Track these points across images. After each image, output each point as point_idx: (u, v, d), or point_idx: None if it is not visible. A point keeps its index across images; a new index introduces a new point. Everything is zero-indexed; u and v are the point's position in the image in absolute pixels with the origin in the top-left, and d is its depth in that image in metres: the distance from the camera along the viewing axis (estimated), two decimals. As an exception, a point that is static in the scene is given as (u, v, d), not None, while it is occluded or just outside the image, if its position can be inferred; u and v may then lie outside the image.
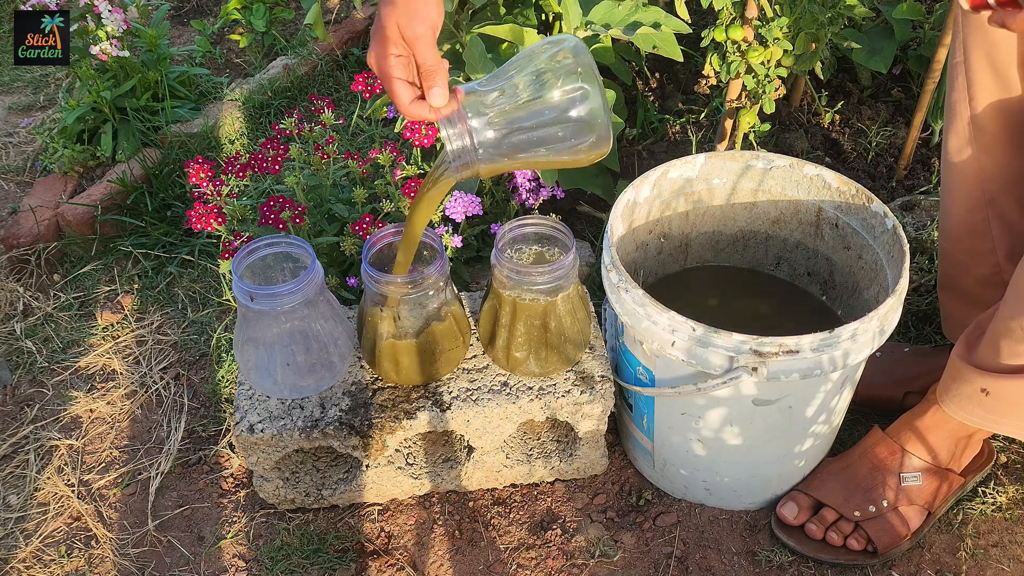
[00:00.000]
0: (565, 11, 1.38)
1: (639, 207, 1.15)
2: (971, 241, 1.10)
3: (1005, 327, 0.93)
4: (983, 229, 1.09)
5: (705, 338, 0.94)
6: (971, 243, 1.10)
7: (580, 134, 0.82)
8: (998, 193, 1.06)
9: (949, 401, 1.04)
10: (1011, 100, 1.00)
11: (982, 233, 1.09)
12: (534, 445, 1.17)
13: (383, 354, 1.04)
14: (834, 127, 1.70)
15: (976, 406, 1.01)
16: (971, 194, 1.08)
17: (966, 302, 1.16)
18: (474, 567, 1.10)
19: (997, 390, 0.98)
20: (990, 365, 0.97)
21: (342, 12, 2.20)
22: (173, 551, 1.12)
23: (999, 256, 1.09)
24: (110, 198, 1.55)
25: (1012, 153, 1.04)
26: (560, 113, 0.81)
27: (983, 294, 1.12)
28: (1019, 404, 0.98)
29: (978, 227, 1.09)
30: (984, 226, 1.09)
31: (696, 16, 1.81)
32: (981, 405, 1.00)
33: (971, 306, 1.14)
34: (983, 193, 1.07)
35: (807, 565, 1.08)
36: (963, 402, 1.02)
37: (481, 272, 1.38)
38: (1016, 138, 1.03)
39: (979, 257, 1.11)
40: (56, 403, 1.31)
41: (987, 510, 1.13)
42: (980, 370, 0.98)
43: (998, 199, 1.07)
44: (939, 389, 1.06)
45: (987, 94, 1.01)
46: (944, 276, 1.19)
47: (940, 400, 1.05)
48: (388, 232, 1.04)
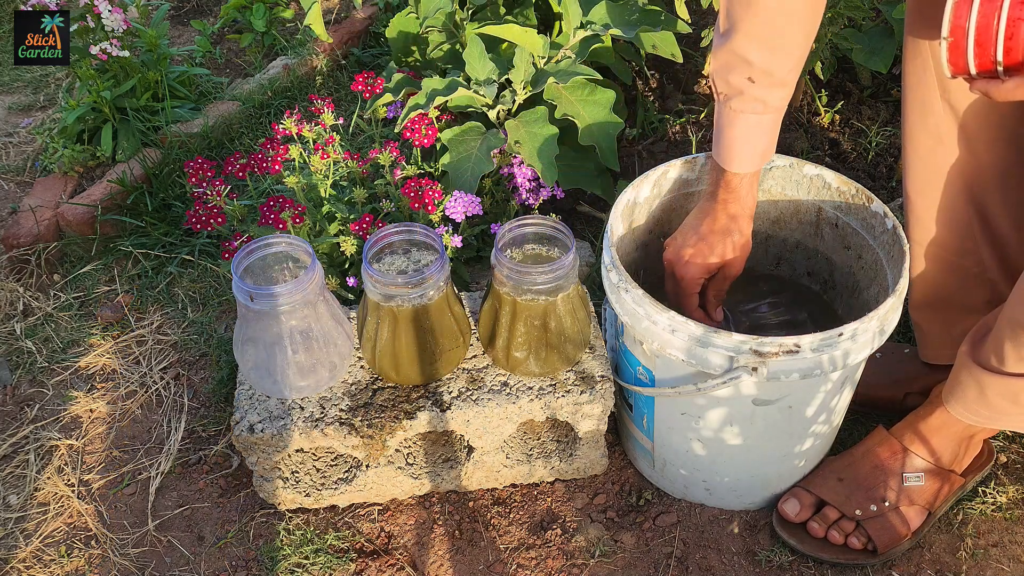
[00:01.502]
0: (565, 11, 1.38)
1: (639, 207, 1.15)
2: (956, 240, 1.08)
3: (1010, 331, 0.93)
4: (967, 228, 1.07)
5: (705, 338, 0.94)
6: (957, 242, 1.08)
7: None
8: (983, 192, 1.05)
9: (955, 402, 1.03)
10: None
11: (966, 232, 1.07)
12: (534, 445, 1.17)
13: (383, 354, 1.04)
14: (834, 127, 1.70)
15: (981, 407, 1.00)
16: (952, 194, 1.06)
17: (948, 311, 1.13)
18: (474, 567, 1.10)
19: (1002, 390, 0.97)
20: (996, 367, 0.96)
21: (342, 12, 2.20)
22: (173, 551, 1.12)
23: (984, 255, 1.08)
24: (110, 198, 1.56)
25: (996, 148, 1.03)
26: None
27: (969, 296, 1.11)
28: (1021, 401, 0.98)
29: (962, 226, 1.07)
30: (967, 225, 1.07)
31: (696, 16, 1.81)
32: (987, 406, 1.00)
33: (955, 315, 1.13)
34: (967, 193, 1.05)
35: (807, 565, 1.08)
36: (968, 403, 1.01)
37: (481, 272, 1.38)
38: (1001, 131, 1.02)
39: (965, 254, 1.09)
40: (56, 403, 1.31)
41: (987, 510, 1.13)
42: (986, 370, 0.97)
43: (983, 198, 1.05)
44: (945, 389, 1.05)
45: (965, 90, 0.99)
46: (918, 292, 1.15)
47: (945, 400, 1.05)
48: (388, 232, 1.04)
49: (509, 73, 1.35)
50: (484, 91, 1.34)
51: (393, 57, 1.63)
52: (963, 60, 0.81)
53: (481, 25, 1.39)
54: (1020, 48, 0.77)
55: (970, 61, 0.80)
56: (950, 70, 0.82)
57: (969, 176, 1.04)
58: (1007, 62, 0.78)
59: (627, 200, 1.11)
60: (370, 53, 2.05)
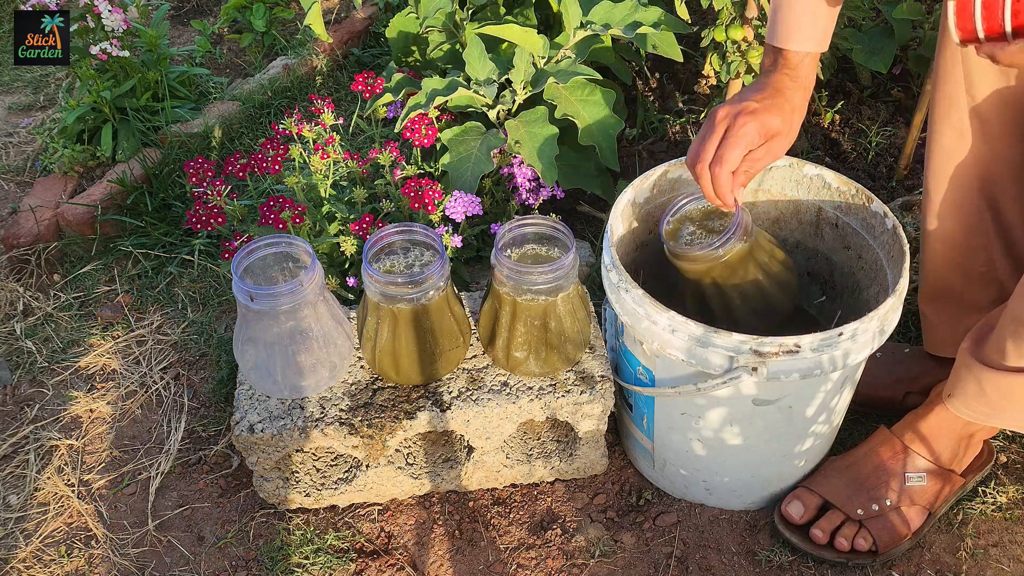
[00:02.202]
0: (565, 11, 1.38)
1: (639, 207, 1.15)
2: (964, 237, 1.09)
3: (1013, 328, 0.93)
4: (977, 224, 1.07)
5: (705, 338, 0.94)
6: (964, 239, 1.09)
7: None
8: (996, 186, 1.05)
9: (955, 398, 1.03)
10: (1012, 89, 0.99)
11: (976, 228, 1.08)
12: (534, 445, 1.17)
13: (383, 354, 1.04)
14: (834, 127, 1.70)
15: (981, 404, 1.00)
16: (965, 188, 1.06)
17: (956, 307, 1.14)
18: (474, 567, 1.10)
19: (1003, 387, 0.97)
20: (997, 364, 0.96)
21: (342, 12, 2.20)
22: (173, 551, 1.12)
23: (993, 252, 1.09)
24: (110, 198, 1.56)
25: (1013, 143, 1.03)
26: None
27: (976, 295, 1.11)
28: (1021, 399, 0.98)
29: (972, 222, 1.07)
30: (978, 220, 1.07)
31: (696, 16, 1.81)
32: (986, 403, 1.00)
33: (962, 311, 1.13)
34: (980, 187, 1.05)
35: (807, 565, 1.08)
36: (968, 400, 1.01)
37: (481, 272, 1.38)
38: (1018, 126, 1.01)
39: (972, 253, 1.09)
40: (56, 403, 1.31)
41: (987, 510, 1.13)
42: (988, 368, 0.97)
43: (995, 193, 1.05)
44: (946, 386, 1.05)
45: (987, 84, 1.00)
46: (929, 285, 1.16)
47: (946, 397, 1.05)
48: (388, 232, 1.04)
49: (509, 73, 1.35)
50: (484, 91, 1.34)
51: (393, 57, 1.63)
52: (971, 23, 0.78)
53: (481, 25, 1.39)
54: None
55: (978, 24, 0.77)
56: (959, 35, 0.80)
57: (984, 171, 1.04)
58: (1015, 24, 0.76)
59: (627, 200, 1.11)
60: (370, 53, 2.05)
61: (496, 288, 1.03)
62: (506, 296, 1.02)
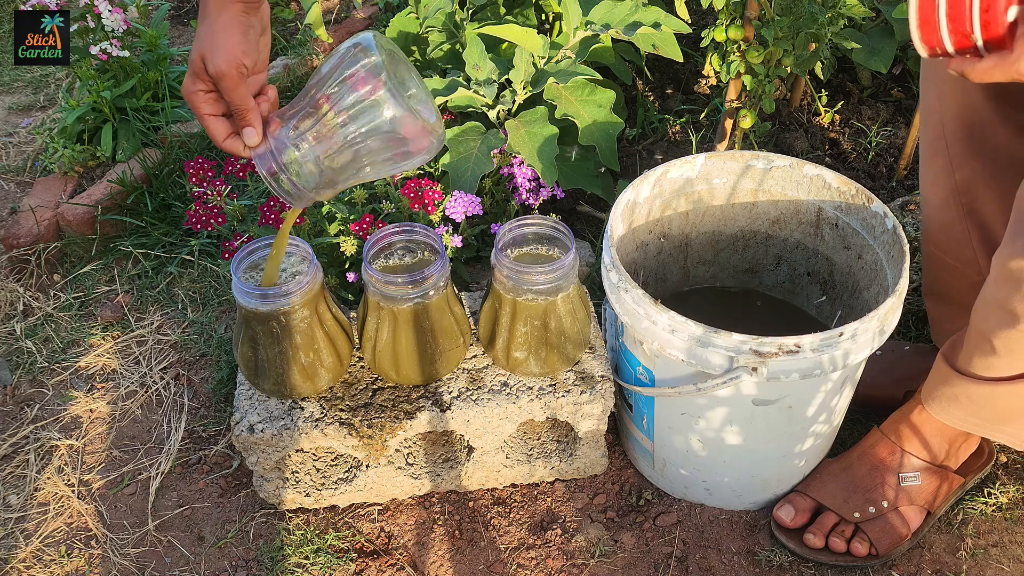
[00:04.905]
0: (565, 11, 1.38)
1: (639, 207, 1.15)
2: (956, 249, 1.10)
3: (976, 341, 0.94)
4: (963, 238, 1.08)
5: (705, 338, 0.94)
6: (956, 251, 1.10)
7: (394, 143, 0.76)
8: (973, 201, 1.06)
9: (932, 402, 1.05)
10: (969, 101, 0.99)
11: (963, 242, 1.09)
12: (534, 445, 1.17)
13: (383, 354, 1.04)
14: (834, 127, 1.70)
15: (956, 408, 1.02)
16: (947, 202, 1.08)
17: (954, 306, 1.15)
18: (474, 567, 1.10)
19: (974, 395, 0.98)
20: (969, 372, 0.98)
21: (342, 12, 2.20)
22: (173, 551, 1.12)
23: (982, 265, 1.09)
24: (110, 198, 1.55)
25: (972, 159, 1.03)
26: (368, 126, 0.75)
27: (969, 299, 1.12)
28: (995, 409, 0.99)
29: (959, 236, 1.09)
30: (964, 235, 1.08)
31: (696, 16, 1.81)
32: (961, 408, 1.01)
33: (960, 310, 1.14)
34: (960, 203, 1.06)
35: (807, 565, 1.08)
36: (944, 403, 1.03)
37: (481, 272, 1.38)
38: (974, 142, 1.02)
39: (966, 263, 1.10)
40: (56, 403, 1.31)
41: (987, 510, 1.13)
42: (960, 375, 0.99)
43: (974, 207, 1.06)
44: (924, 389, 1.07)
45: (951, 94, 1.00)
46: (929, 282, 1.18)
47: (924, 400, 1.07)
48: (388, 232, 1.04)
49: (509, 73, 1.35)
50: (484, 91, 1.34)
51: (393, 57, 1.62)
52: (936, 35, 0.71)
53: (481, 25, 1.39)
54: (999, 20, 0.67)
55: (944, 37, 0.70)
56: (925, 49, 0.72)
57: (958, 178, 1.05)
58: (986, 37, 0.69)
59: (627, 200, 1.11)
60: (370, 53, 2.05)
61: (496, 288, 1.03)
62: (506, 296, 1.02)
